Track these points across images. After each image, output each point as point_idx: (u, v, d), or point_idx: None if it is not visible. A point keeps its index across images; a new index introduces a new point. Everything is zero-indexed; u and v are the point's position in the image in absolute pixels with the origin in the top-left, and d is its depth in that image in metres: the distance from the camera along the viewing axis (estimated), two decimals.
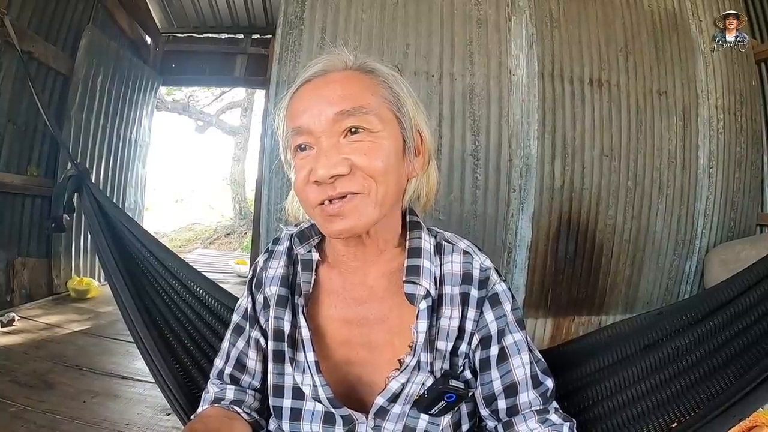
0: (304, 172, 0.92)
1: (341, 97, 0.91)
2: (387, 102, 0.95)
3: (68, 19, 5.23)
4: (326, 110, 0.90)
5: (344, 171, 0.87)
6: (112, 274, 1.82)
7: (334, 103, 0.90)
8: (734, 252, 3.90)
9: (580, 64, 3.76)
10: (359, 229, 0.92)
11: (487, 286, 1.03)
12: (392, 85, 0.97)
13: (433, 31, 3.59)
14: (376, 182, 0.90)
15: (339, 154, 0.88)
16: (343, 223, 0.90)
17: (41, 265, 5.17)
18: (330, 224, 0.91)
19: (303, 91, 0.96)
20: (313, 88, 0.94)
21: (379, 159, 0.90)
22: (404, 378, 0.97)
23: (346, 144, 0.90)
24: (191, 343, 1.65)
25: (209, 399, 1.15)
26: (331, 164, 0.87)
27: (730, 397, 0.96)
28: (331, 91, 0.92)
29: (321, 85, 0.94)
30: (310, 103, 0.92)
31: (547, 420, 1.00)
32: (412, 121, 0.99)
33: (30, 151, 4.92)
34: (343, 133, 0.90)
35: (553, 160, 3.68)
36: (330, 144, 0.89)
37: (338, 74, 0.95)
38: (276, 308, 1.05)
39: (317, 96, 0.92)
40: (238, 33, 7.50)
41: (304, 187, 0.92)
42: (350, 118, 0.90)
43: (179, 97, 14.49)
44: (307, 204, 0.94)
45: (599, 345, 1.29)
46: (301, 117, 0.92)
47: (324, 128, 0.90)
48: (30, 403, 2.78)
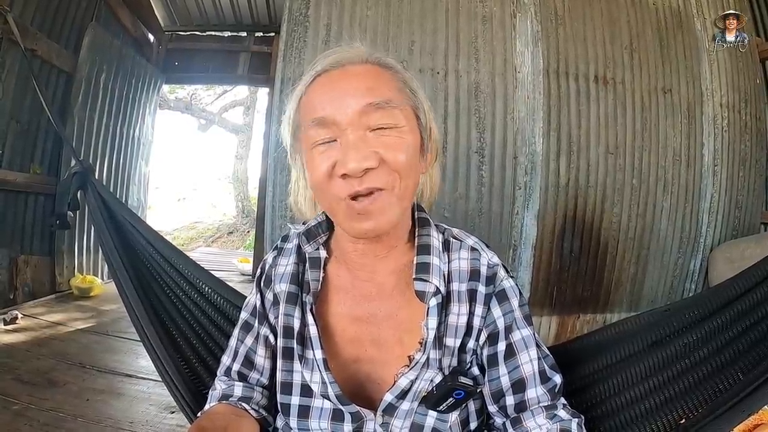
0: (327, 164, 0.89)
1: (369, 89, 0.90)
2: (408, 98, 0.95)
3: (71, 16, 5.23)
4: (353, 102, 0.88)
5: (374, 164, 0.87)
6: (117, 270, 1.82)
7: (362, 96, 0.89)
8: (739, 250, 3.89)
9: (585, 61, 3.75)
10: (385, 228, 0.92)
11: (494, 282, 1.03)
12: (410, 82, 0.98)
13: (438, 28, 3.59)
14: (401, 177, 0.90)
15: (368, 147, 0.87)
16: (370, 223, 0.90)
17: (44, 263, 5.18)
18: (356, 223, 0.90)
19: (322, 82, 0.94)
20: (333, 79, 0.93)
21: (405, 154, 0.90)
22: (413, 375, 0.97)
23: (373, 137, 0.89)
24: (197, 341, 1.65)
25: (217, 396, 1.14)
26: (362, 157, 0.86)
27: (739, 392, 0.97)
28: (357, 83, 0.90)
29: (342, 77, 0.92)
30: (333, 94, 0.90)
31: (555, 416, 1.00)
32: (427, 118, 0.99)
33: (33, 149, 4.92)
34: (369, 126, 0.89)
35: (558, 158, 3.67)
36: (358, 136, 0.88)
37: (360, 67, 0.94)
38: (286, 305, 1.05)
39: (341, 87, 0.91)
40: (241, 31, 7.52)
41: (328, 180, 0.90)
42: (378, 112, 0.89)
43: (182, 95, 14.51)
44: (329, 199, 0.92)
45: (606, 342, 1.28)
46: (323, 108, 0.90)
47: (351, 120, 0.88)
48: (33, 401, 2.77)
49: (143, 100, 6.83)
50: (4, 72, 4.31)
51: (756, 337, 1.06)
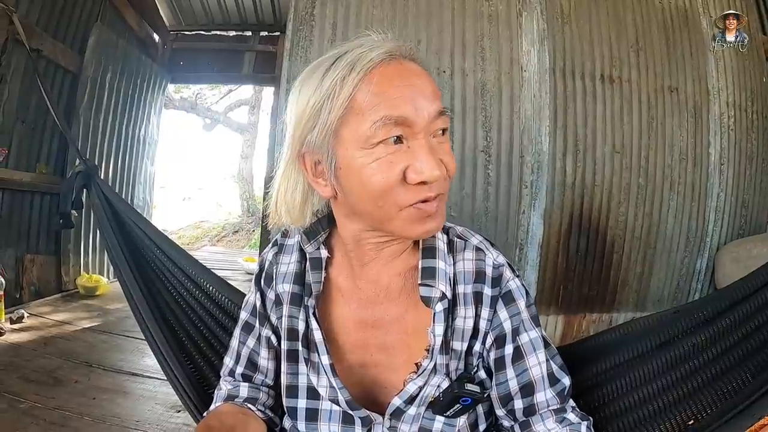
0: (397, 169, 0.84)
1: (435, 93, 0.87)
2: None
3: (77, 16, 5.23)
4: (429, 106, 0.85)
5: (444, 173, 0.87)
6: (122, 270, 1.82)
7: (433, 100, 0.86)
8: (745, 249, 3.87)
9: (592, 60, 3.74)
10: (440, 228, 0.93)
11: (500, 283, 1.00)
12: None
13: (444, 27, 3.58)
14: (450, 183, 0.91)
15: (438, 155, 0.86)
16: (434, 223, 0.89)
17: (50, 262, 5.19)
18: (421, 225, 0.88)
19: (388, 74, 0.85)
20: (399, 74, 0.85)
21: (454, 161, 0.90)
22: (421, 381, 0.96)
23: (437, 144, 0.88)
24: (202, 341, 1.65)
25: (223, 396, 1.14)
26: (436, 164, 0.84)
27: (750, 395, 0.96)
28: (425, 86, 0.87)
29: (407, 74, 0.86)
30: (407, 93, 0.84)
31: (564, 419, 0.98)
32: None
33: (39, 149, 4.93)
34: (434, 132, 0.87)
35: (564, 157, 3.66)
36: (432, 143, 0.86)
37: (415, 66, 0.89)
38: (290, 307, 1.03)
39: (413, 87, 0.85)
40: (246, 30, 7.50)
41: (398, 185, 0.85)
42: (443, 118, 0.88)
43: (187, 95, 14.50)
44: (393, 205, 0.86)
45: (614, 342, 1.28)
46: (401, 107, 0.83)
47: (426, 124, 0.85)
48: (40, 399, 2.78)
49: (148, 99, 6.84)
50: (9, 72, 4.32)
51: (765, 338, 1.05)
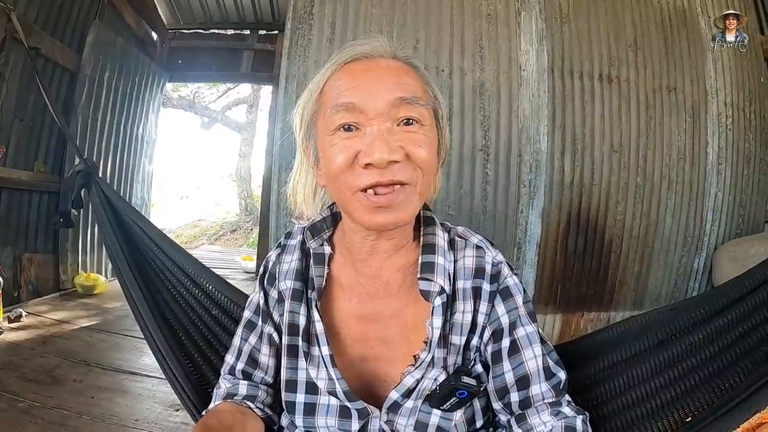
0: (349, 153, 0.88)
1: (401, 84, 0.90)
2: (430, 100, 0.96)
3: (75, 14, 5.23)
4: (385, 94, 0.88)
5: (400, 158, 0.87)
6: (122, 268, 1.82)
7: (394, 89, 0.89)
8: (743, 249, 3.88)
9: (590, 59, 3.74)
10: (403, 223, 0.92)
11: (498, 279, 1.03)
12: (433, 85, 0.99)
13: (443, 26, 3.58)
14: (423, 174, 0.90)
15: (394, 141, 0.87)
16: (391, 216, 0.89)
17: (48, 261, 5.19)
18: (373, 215, 0.89)
19: (352, 69, 0.93)
20: (365, 68, 0.92)
21: (428, 152, 0.90)
22: (419, 374, 0.97)
23: (400, 132, 0.89)
24: (201, 339, 1.65)
25: (222, 394, 1.14)
26: (390, 149, 0.85)
27: (746, 389, 0.96)
28: (388, 76, 0.91)
29: (374, 67, 0.92)
30: (364, 82, 0.90)
31: (560, 413, 0.99)
32: (443, 121, 1.00)
33: (37, 147, 4.93)
34: (397, 120, 0.89)
35: (563, 156, 3.66)
36: (386, 128, 0.88)
37: (391, 62, 0.94)
38: (291, 302, 1.04)
39: (373, 78, 0.90)
40: (244, 29, 7.50)
41: (348, 169, 0.89)
42: (407, 107, 0.89)
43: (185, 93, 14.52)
44: (346, 188, 0.90)
45: (612, 340, 1.28)
46: (352, 94, 0.89)
47: (380, 111, 0.88)
48: (38, 399, 2.78)
49: (147, 98, 6.84)
50: (7, 70, 4.31)
51: (762, 336, 1.06)
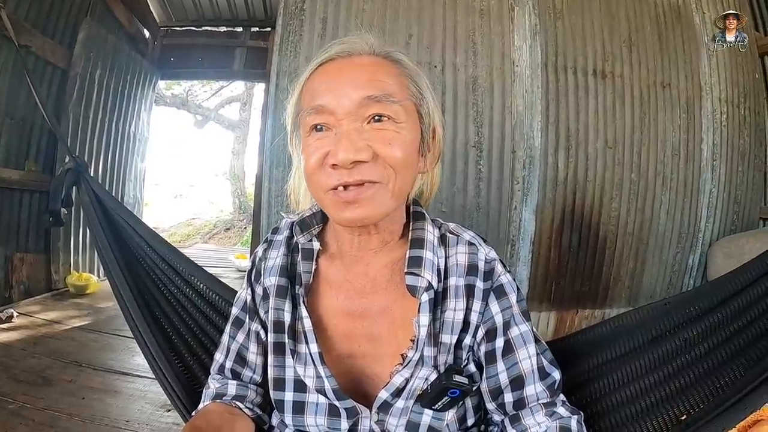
0: (319, 153, 0.89)
1: (369, 81, 0.88)
2: (411, 95, 0.94)
3: (66, 12, 5.19)
4: (352, 93, 0.87)
5: (366, 158, 0.85)
6: (111, 268, 1.81)
7: (362, 87, 0.88)
8: (738, 245, 3.88)
9: (584, 55, 3.73)
10: (373, 219, 0.90)
11: (492, 277, 1.01)
12: (416, 78, 0.96)
13: (435, 22, 3.56)
14: (396, 173, 0.88)
15: (362, 140, 0.86)
16: (358, 211, 0.88)
17: (40, 261, 5.15)
18: (341, 211, 0.89)
19: (326, 69, 0.93)
20: (338, 68, 0.92)
21: (401, 150, 0.89)
22: (408, 373, 0.96)
23: (370, 130, 0.88)
24: (192, 338, 1.64)
25: (210, 395, 1.13)
26: (354, 149, 0.85)
27: (742, 388, 0.95)
28: (358, 74, 0.89)
29: (347, 66, 0.91)
30: (334, 83, 0.90)
31: (554, 413, 0.99)
32: (431, 117, 0.98)
33: (28, 146, 4.89)
34: (367, 119, 0.88)
35: (556, 152, 3.65)
36: (353, 128, 0.87)
37: (365, 58, 0.93)
38: (276, 299, 1.03)
39: (343, 77, 0.90)
40: (236, 26, 7.48)
41: (318, 169, 0.89)
42: (377, 105, 0.88)
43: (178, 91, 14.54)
44: (318, 188, 0.91)
45: (605, 337, 1.28)
46: (323, 96, 0.89)
47: (348, 111, 0.87)
48: (29, 400, 2.75)
49: (138, 96, 6.80)
50: None
51: (757, 333, 1.06)
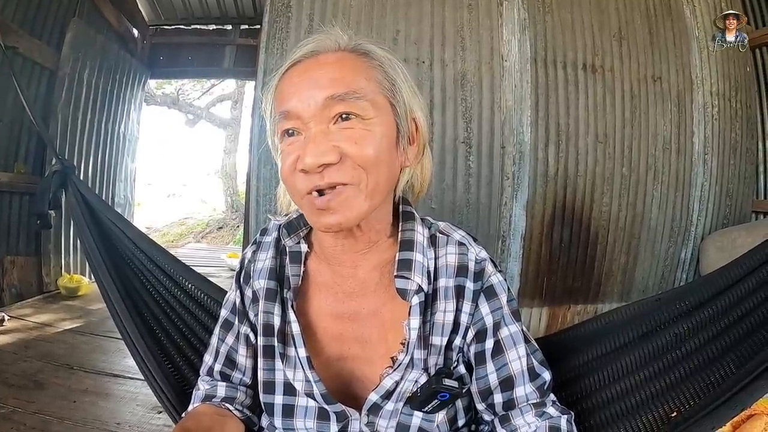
0: (291, 158, 0.88)
1: (332, 80, 0.87)
2: (381, 87, 0.91)
3: (53, 12, 5.15)
4: (316, 94, 0.86)
5: (333, 160, 0.84)
6: (99, 270, 1.80)
7: (325, 87, 0.86)
8: (730, 239, 3.88)
9: (574, 49, 3.71)
10: (349, 223, 0.89)
11: (482, 278, 1.01)
12: (388, 69, 0.93)
13: (423, 17, 3.53)
14: (367, 172, 0.86)
15: (328, 142, 0.85)
16: (333, 218, 0.87)
17: (31, 263, 5.13)
18: (318, 218, 0.88)
19: (292, 72, 0.91)
20: (303, 70, 0.90)
21: (371, 147, 0.86)
22: (398, 376, 0.95)
23: (336, 131, 0.86)
24: (181, 339, 1.64)
25: (200, 396, 1.13)
26: (320, 152, 0.83)
27: (732, 386, 0.95)
28: (322, 74, 0.88)
29: (312, 67, 0.90)
30: (299, 86, 0.88)
31: (544, 413, 0.99)
32: (407, 108, 0.95)
33: (17, 148, 4.86)
34: (333, 119, 0.86)
35: (546, 147, 3.64)
36: (319, 130, 0.86)
37: (331, 56, 0.91)
38: (265, 302, 1.02)
39: (307, 79, 0.88)
40: (226, 24, 7.46)
41: (291, 174, 0.89)
42: (341, 104, 0.86)
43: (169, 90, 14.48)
44: (294, 193, 0.91)
45: (596, 333, 1.28)
46: (289, 100, 0.88)
47: (313, 113, 0.86)
48: (19, 404, 2.75)
49: (128, 95, 6.78)
50: None
51: (748, 328, 1.05)
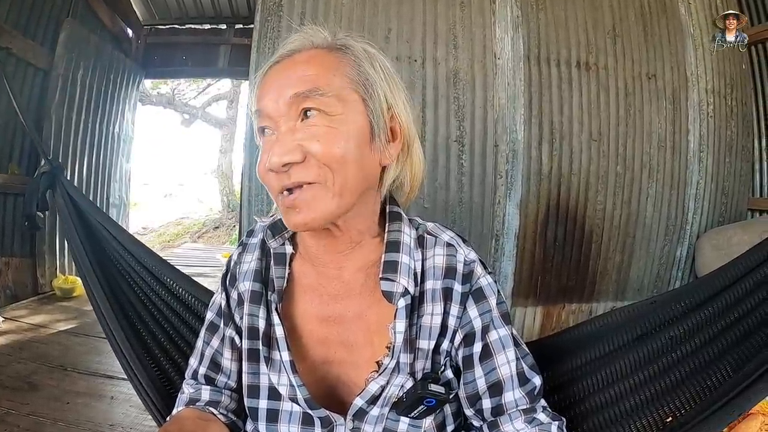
0: (264, 157, 0.88)
1: (299, 78, 0.86)
2: (351, 82, 0.88)
3: (47, 12, 5.11)
4: (285, 93, 0.86)
5: (297, 158, 0.83)
6: (85, 271, 1.82)
7: (292, 85, 0.86)
8: (725, 237, 3.88)
9: (567, 47, 3.71)
10: (316, 222, 0.87)
11: (471, 280, 0.98)
12: (362, 63, 0.90)
13: (415, 15, 3.53)
14: (333, 171, 0.84)
15: (293, 141, 0.84)
16: (299, 216, 0.86)
17: (26, 265, 5.10)
18: (287, 216, 0.88)
19: (270, 72, 0.92)
20: (279, 69, 0.90)
21: (335, 145, 0.84)
22: (383, 380, 0.94)
23: (302, 128, 0.85)
24: (167, 341, 1.63)
25: (184, 400, 1.11)
26: (283, 151, 0.83)
27: (729, 390, 0.94)
28: (292, 73, 0.88)
29: (287, 66, 0.90)
30: (271, 85, 0.89)
31: (534, 419, 0.97)
32: (383, 104, 0.91)
33: (11, 149, 4.83)
34: (299, 117, 0.86)
35: (540, 145, 3.64)
36: (287, 128, 0.86)
37: (304, 54, 0.90)
38: (250, 305, 1.01)
39: (279, 78, 0.89)
40: (220, 23, 7.43)
41: (265, 173, 0.88)
42: (306, 101, 0.85)
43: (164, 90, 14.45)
44: (270, 191, 0.91)
45: (590, 336, 1.27)
46: (262, 99, 0.89)
47: (282, 112, 0.86)
48: (13, 406, 2.74)
49: (122, 96, 6.74)
50: None
51: (746, 330, 1.05)
